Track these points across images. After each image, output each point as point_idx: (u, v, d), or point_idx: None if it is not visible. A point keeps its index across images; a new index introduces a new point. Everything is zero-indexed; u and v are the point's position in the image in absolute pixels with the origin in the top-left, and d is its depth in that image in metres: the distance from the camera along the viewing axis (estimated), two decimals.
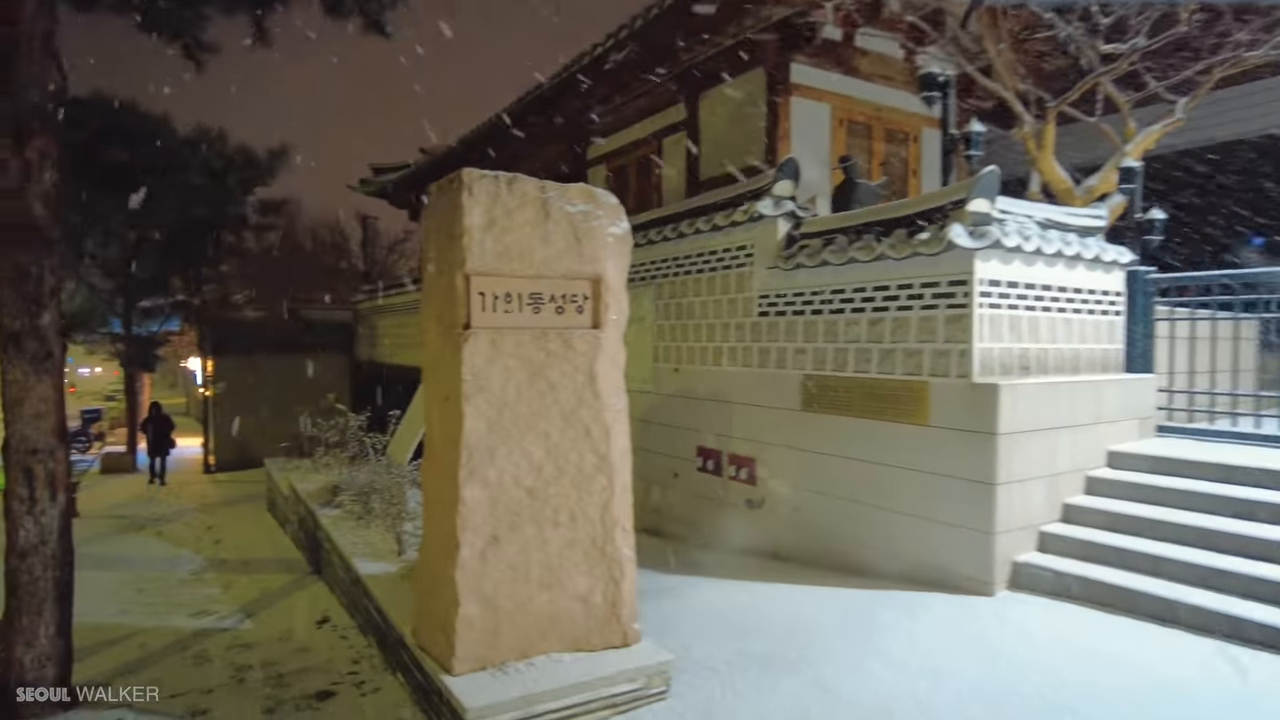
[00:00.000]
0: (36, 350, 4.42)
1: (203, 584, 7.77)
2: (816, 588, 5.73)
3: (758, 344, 7.33)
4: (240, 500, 13.49)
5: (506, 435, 3.97)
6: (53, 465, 4.51)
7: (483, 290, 3.93)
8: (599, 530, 4.20)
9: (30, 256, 4.40)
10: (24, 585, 4.47)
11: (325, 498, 8.10)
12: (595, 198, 4.20)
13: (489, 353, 3.93)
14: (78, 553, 9.41)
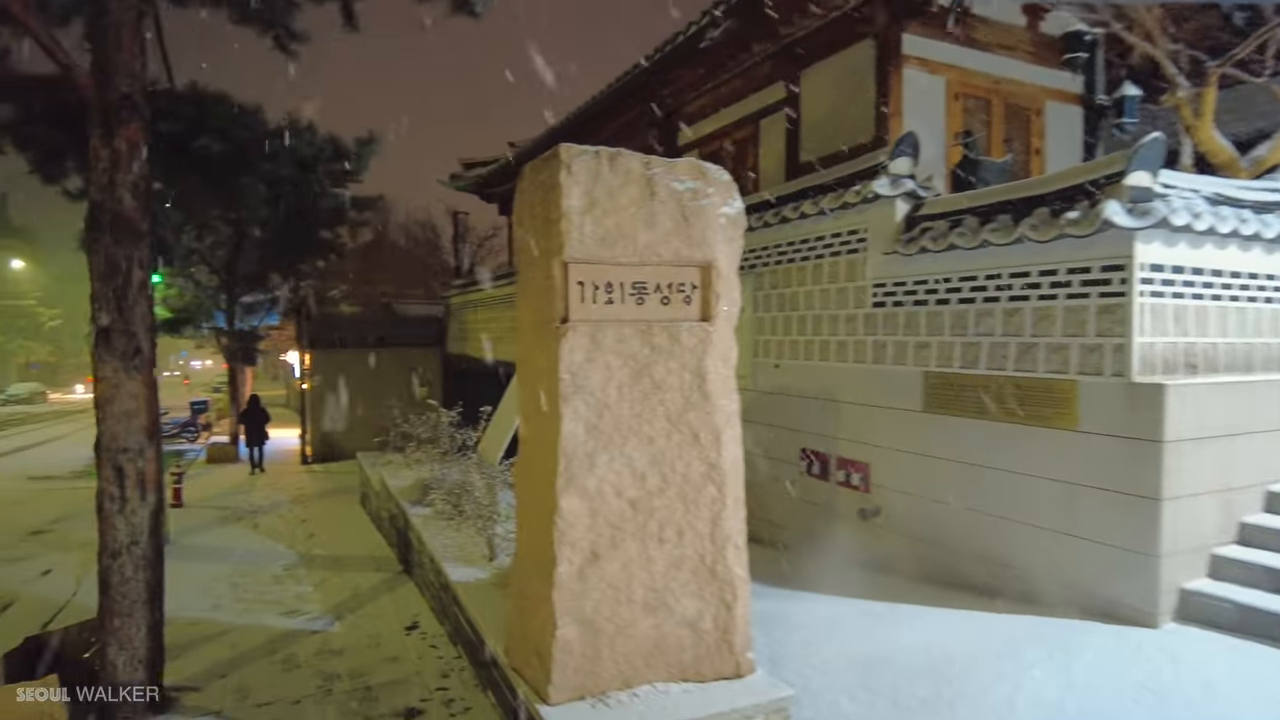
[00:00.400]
0: (126, 347, 4.29)
1: (295, 580, 7.72)
2: (944, 610, 5.14)
3: (871, 337, 6.73)
4: (334, 492, 13.66)
5: (607, 440, 3.56)
6: (143, 464, 4.37)
7: (582, 279, 3.53)
8: (709, 547, 3.75)
9: (119, 250, 4.26)
10: (115, 586, 4.35)
11: (416, 495, 7.93)
12: (705, 173, 3.74)
13: (588, 349, 3.52)
14: (179, 543, 9.70)
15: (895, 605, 5.37)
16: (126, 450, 4.27)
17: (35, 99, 5.45)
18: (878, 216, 6.63)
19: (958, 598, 5.35)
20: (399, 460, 10.31)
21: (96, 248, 4.21)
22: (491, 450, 7.03)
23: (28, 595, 7.77)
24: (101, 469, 4.27)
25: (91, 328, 4.26)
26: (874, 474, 6.69)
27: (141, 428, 4.34)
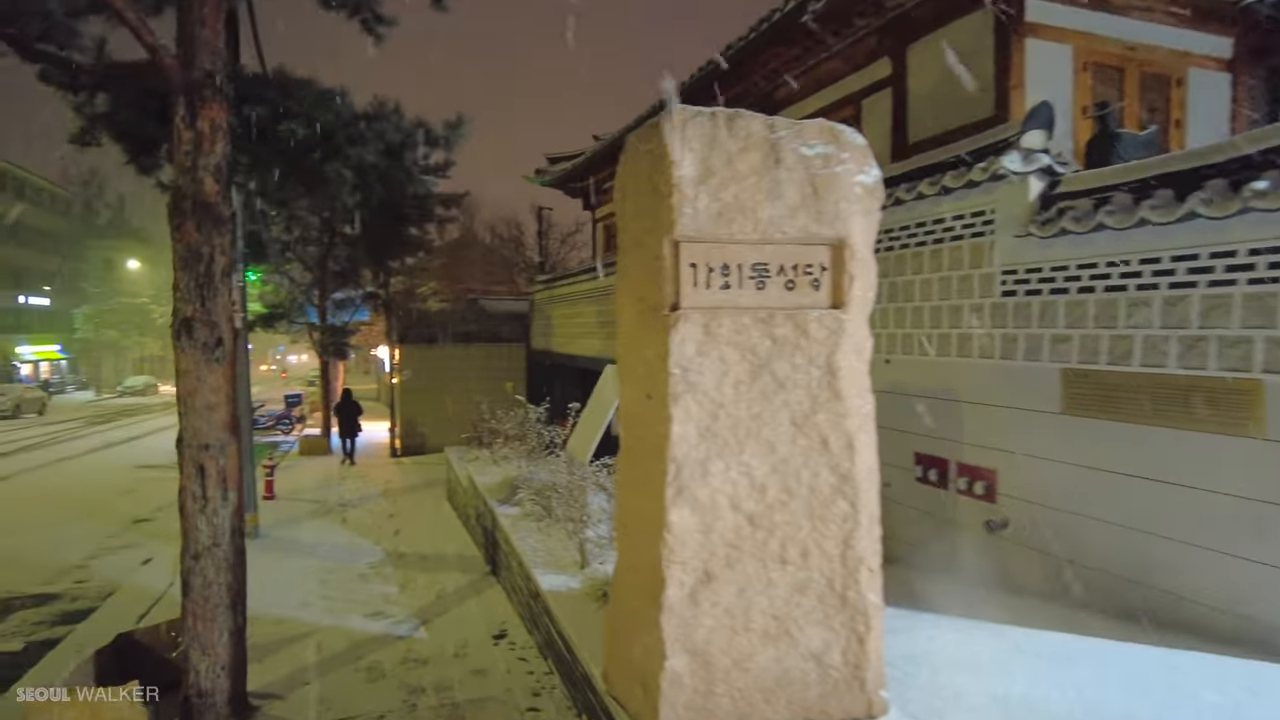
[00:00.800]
0: (208, 338, 4.08)
1: (381, 579, 7.56)
2: (1094, 639, 4.47)
3: (999, 330, 6.05)
4: (421, 486, 13.66)
5: (722, 446, 3.10)
6: (224, 461, 4.16)
7: (695, 260, 3.07)
8: (838, 570, 3.24)
9: (201, 236, 4.05)
10: (198, 589, 4.16)
11: (504, 494, 7.67)
12: (838, 136, 3.23)
13: (701, 340, 3.07)
14: (270, 536, 9.74)
15: (1034, 632, 4.73)
16: (208, 446, 4.07)
17: (128, 87, 5.38)
18: (1007, 196, 5.95)
19: (1108, 626, 4.67)
20: (486, 457, 10.13)
21: (179, 234, 4.03)
22: (581, 449, 6.68)
23: (128, 585, 7.86)
24: (183, 466, 4.09)
25: (173, 319, 4.08)
26: (1000, 482, 6.02)
27: (223, 422, 4.14)
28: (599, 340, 14.63)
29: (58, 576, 8.21)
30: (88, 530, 10.48)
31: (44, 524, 10.82)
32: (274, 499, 12.29)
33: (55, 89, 5.83)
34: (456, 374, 19.05)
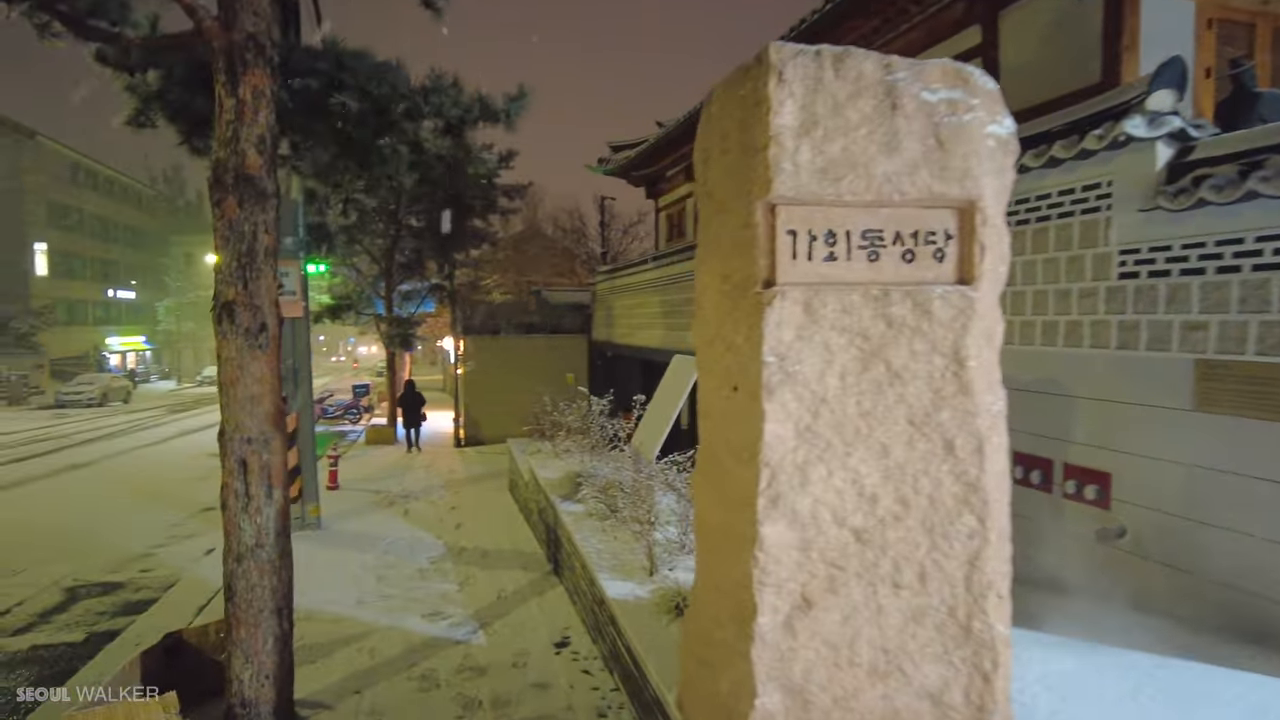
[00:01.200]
0: (250, 323, 3.78)
1: (440, 576, 7.28)
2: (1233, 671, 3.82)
3: (1116, 316, 5.36)
4: (484, 478, 13.47)
5: (825, 449, 2.61)
6: (268, 456, 3.86)
7: (794, 227, 2.59)
8: (962, 596, 2.73)
9: (244, 213, 3.74)
10: (241, 593, 3.88)
11: (566, 489, 7.30)
12: (967, 79, 2.69)
13: (802, 323, 2.59)
14: (331, 528, 9.60)
15: (1164, 660, 4.10)
16: (250, 440, 3.78)
17: (177, 62, 5.18)
18: (1129, 165, 5.26)
19: (1241, 651, 4.01)
20: (548, 450, 9.80)
21: (219, 210, 3.73)
22: (647, 445, 6.24)
23: (189, 575, 7.79)
24: (225, 461, 3.81)
25: (214, 302, 3.80)
26: (1116, 486, 5.35)
27: (267, 414, 3.84)
28: (662, 330, 14.24)
29: (124, 564, 8.20)
30: (157, 518, 10.56)
31: (118, 511, 10.97)
32: (338, 489, 12.26)
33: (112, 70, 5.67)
34: (518, 365, 19.16)
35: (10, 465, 15.50)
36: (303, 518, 9.33)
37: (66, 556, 8.56)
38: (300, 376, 9.41)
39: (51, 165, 42.18)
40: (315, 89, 4.91)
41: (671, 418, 5.97)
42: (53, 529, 9.84)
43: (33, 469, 15.03)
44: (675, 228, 18.66)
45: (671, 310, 13.60)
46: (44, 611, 6.76)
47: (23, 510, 11.04)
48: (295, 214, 9.22)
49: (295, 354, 9.35)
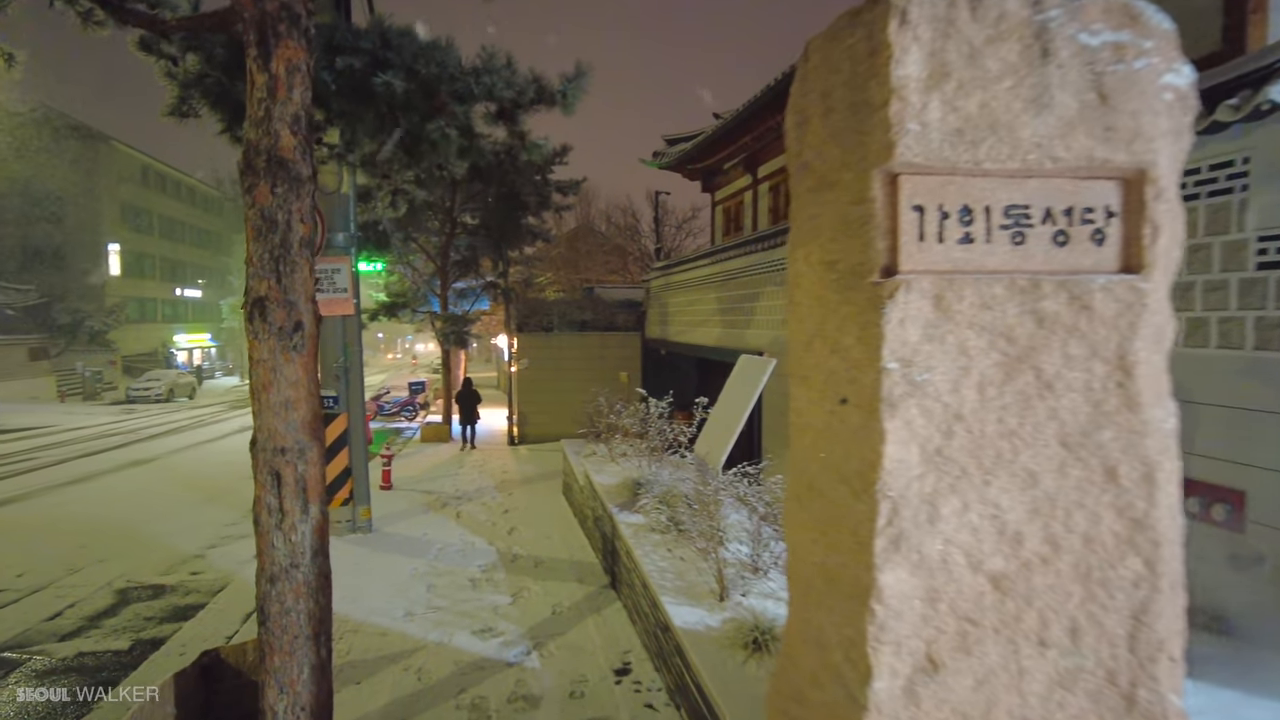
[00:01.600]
0: (284, 321, 3.43)
1: (492, 586, 6.94)
2: None
3: (1252, 313, 4.70)
4: (537, 479, 13.18)
5: (959, 476, 2.12)
6: (304, 468, 3.51)
7: (921, 202, 2.10)
8: (1124, 658, 2.20)
9: (276, 199, 3.40)
10: (274, 617, 3.54)
11: (624, 497, 6.89)
12: (1136, 17, 2.16)
13: (931, 320, 2.10)
14: (381, 530, 9.37)
15: None
16: (284, 450, 3.44)
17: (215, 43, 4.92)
18: (1270, 140, 4.59)
19: None
20: (603, 453, 9.41)
21: (250, 197, 3.40)
22: (712, 453, 5.78)
23: (239, 579, 7.61)
24: (257, 473, 3.48)
25: (244, 298, 3.46)
26: (1252, 506, 4.70)
27: (303, 422, 3.49)
28: (719, 328, 13.75)
29: (176, 566, 8.08)
30: (212, 517, 10.51)
31: (175, 509, 10.96)
32: (391, 489, 12.10)
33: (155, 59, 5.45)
34: (571, 362, 19.03)
35: (82, 460, 15.81)
36: (354, 520, 9.13)
37: (122, 555, 8.51)
38: (351, 375, 9.19)
39: (124, 169, 43.64)
40: (359, 69, 4.57)
41: (739, 423, 5.50)
42: (113, 526, 9.84)
43: (100, 464, 15.29)
44: (733, 222, 18.12)
45: (730, 307, 13.10)
46: (94, 615, 6.62)
47: (89, 506, 11.12)
48: (346, 209, 9.00)
49: (347, 352, 9.14)
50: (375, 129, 5.01)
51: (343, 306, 8.90)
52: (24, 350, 34.20)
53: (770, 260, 11.24)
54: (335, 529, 9.01)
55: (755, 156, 16.22)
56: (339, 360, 9.08)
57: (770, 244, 11.26)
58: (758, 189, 16.48)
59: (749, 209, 16.93)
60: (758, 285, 11.86)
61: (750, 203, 16.82)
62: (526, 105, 5.27)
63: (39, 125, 37.81)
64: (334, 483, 9.01)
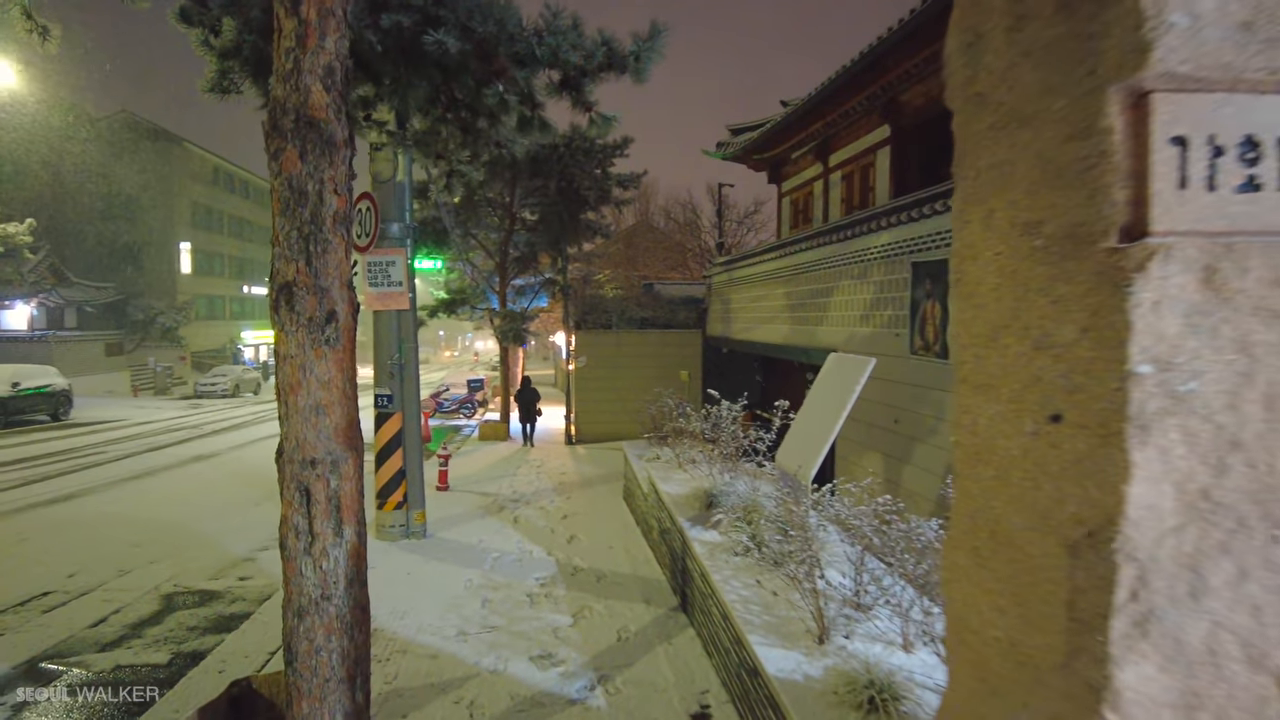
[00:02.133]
0: (315, 310, 2.93)
1: (551, 603, 6.41)
2: None
3: None
4: (597, 481, 12.67)
5: (1236, 529, 1.45)
6: (337, 483, 3.01)
7: (1184, 131, 1.43)
8: None
9: (306, 166, 2.90)
10: (302, 657, 3.04)
11: (695, 510, 6.28)
12: None
13: (1198, 303, 1.43)
14: (437, 536, 8.92)
15: None
16: (314, 463, 2.94)
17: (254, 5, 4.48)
18: None
19: None
20: (669, 458, 8.82)
21: (277, 164, 2.91)
22: (799, 464, 5.13)
23: None
24: (283, 489, 3.00)
25: (270, 285, 2.98)
26: None
27: (336, 429, 2.99)
28: (787, 325, 13.04)
29: (225, 570, 7.79)
30: (265, 516, 10.28)
31: (229, 508, 10.79)
32: (447, 489, 11.74)
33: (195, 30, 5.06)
34: (630, 360, 18.60)
35: (146, 455, 15.94)
36: (407, 525, 8.73)
37: (174, 556, 8.28)
38: (406, 373, 8.79)
39: (196, 169, 44.86)
40: (408, 27, 4.08)
41: (833, 432, 4.84)
42: (168, 525, 9.68)
43: (163, 459, 15.37)
44: (801, 213, 17.34)
45: (799, 303, 12.38)
46: (137, 623, 6.33)
47: (148, 503, 11.04)
48: (402, 199, 8.60)
49: (402, 349, 8.75)
50: (428, 100, 4.52)
51: (397, 301, 8.50)
52: (101, 345, 35.36)
53: (847, 252, 10.49)
54: (388, 534, 8.62)
55: (827, 144, 15.42)
56: (394, 357, 8.69)
57: (846, 234, 10.52)
58: (829, 178, 15.67)
59: (819, 200, 16.13)
60: (831, 279, 11.12)
61: (821, 193, 16.02)
62: (594, 72, 4.70)
63: (119, 129, 39.20)
64: (387, 485, 8.63)
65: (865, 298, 10.03)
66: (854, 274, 10.37)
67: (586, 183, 18.87)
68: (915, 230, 8.91)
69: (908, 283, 9.04)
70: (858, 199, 14.53)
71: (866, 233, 10.03)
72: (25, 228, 23.55)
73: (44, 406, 22.38)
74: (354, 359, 3.10)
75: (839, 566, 4.44)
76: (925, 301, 8.68)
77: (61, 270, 34.26)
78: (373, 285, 8.45)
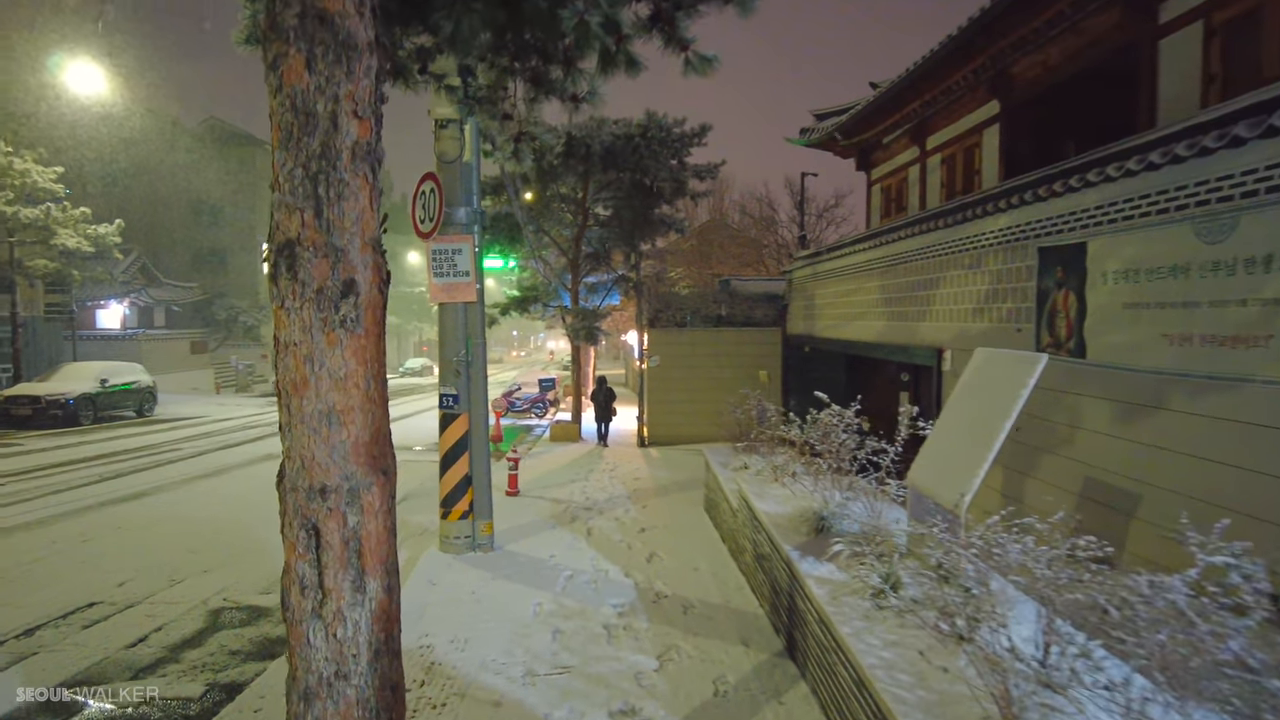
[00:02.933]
0: (325, 279, 2.11)
1: (632, 639, 5.52)
2: None
3: None
4: (673, 488, 11.76)
5: None
6: (357, 520, 2.18)
7: None
8: None
9: (315, 78, 2.09)
10: None
11: (803, 535, 5.31)
12: None
13: None
14: (505, 548, 8.09)
15: None
16: (325, 492, 2.13)
17: None
18: None
19: None
20: (759, 468, 7.83)
21: (277, 77, 2.12)
22: (944, 484, 4.12)
23: None
24: (286, 525, 2.20)
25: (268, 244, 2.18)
26: None
27: (355, 445, 2.17)
28: (882, 321, 11.89)
29: (275, 583, 7.19)
30: None
31: None
32: (517, 494, 11.03)
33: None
34: (706, 360, 17.74)
35: (218, 453, 15.83)
36: (473, 536, 8.00)
37: (228, 565, 7.75)
38: (474, 371, 8.07)
39: None
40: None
41: (992, 447, 3.83)
42: (227, 529, 9.23)
43: (234, 458, 15.19)
44: (894, 201, 16.07)
45: (898, 297, 11.21)
46: (178, 644, 5.74)
47: (211, 504, 10.68)
48: (469, 180, 7.88)
49: (469, 345, 8.02)
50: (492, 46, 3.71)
51: (464, 292, 7.79)
52: (186, 344, 36.37)
53: (955, 239, 9.33)
54: (452, 546, 7.90)
55: (925, 124, 14.16)
56: (460, 354, 7.97)
57: (955, 219, 9.34)
58: (926, 162, 14.40)
59: (914, 186, 14.87)
60: (936, 270, 9.96)
61: (917, 178, 14.75)
62: (690, 4, 3.80)
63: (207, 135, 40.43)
64: (452, 493, 7.92)
65: (978, 289, 8.86)
66: (964, 263, 9.20)
67: (662, 175, 18.00)
68: (1042, 211, 7.71)
69: (1033, 271, 7.86)
70: (960, 183, 13.25)
71: (980, 216, 8.84)
72: (115, 229, 24.05)
73: (130, 402, 22.84)
74: (382, 347, 2.27)
75: (1013, 621, 3.42)
76: (1055, 292, 7.49)
77: (151, 271, 35.36)
78: (437, 276, 7.76)
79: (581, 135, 16.52)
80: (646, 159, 17.53)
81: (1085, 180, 6.94)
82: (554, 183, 18.13)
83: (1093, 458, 6.38)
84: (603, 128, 16.89)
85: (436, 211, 7.32)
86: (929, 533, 3.87)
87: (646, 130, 17.32)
